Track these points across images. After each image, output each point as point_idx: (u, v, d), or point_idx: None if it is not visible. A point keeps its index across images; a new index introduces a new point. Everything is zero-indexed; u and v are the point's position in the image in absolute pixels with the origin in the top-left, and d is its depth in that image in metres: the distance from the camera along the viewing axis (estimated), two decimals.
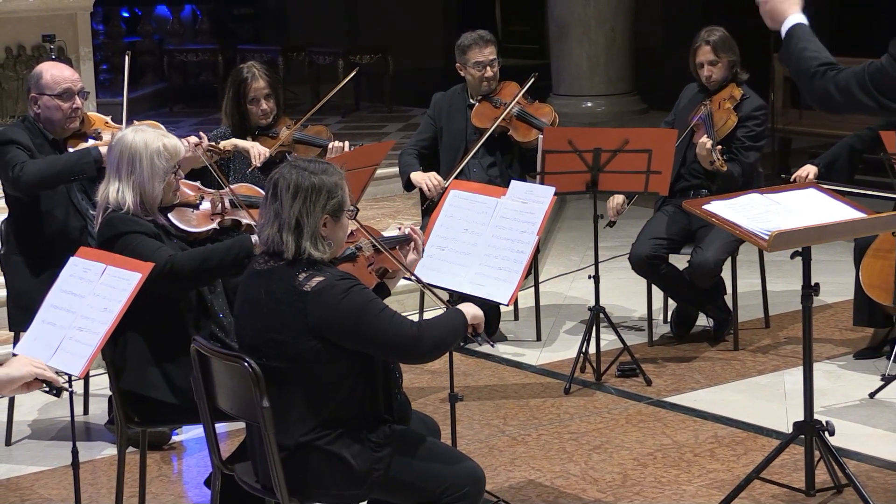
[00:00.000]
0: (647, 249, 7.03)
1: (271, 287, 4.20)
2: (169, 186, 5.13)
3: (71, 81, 6.12)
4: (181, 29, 15.10)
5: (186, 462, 5.99)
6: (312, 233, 4.18)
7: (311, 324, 4.12)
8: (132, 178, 5.06)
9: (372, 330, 4.14)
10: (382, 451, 4.22)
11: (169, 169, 5.10)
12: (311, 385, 4.18)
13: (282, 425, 4.17)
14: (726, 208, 5.01)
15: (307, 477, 4.21)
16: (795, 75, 4.64)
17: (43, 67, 6.22)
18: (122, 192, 5.06)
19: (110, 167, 5.14)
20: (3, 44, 9.13)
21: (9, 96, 9.16)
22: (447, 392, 5.13)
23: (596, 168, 6.63)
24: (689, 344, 7.28)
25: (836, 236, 5.53)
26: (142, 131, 5.15)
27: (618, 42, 12.42)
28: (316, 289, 4.13)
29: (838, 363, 6.90)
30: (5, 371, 3.93)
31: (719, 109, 7.05)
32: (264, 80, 6.61)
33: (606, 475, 5.66)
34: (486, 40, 7.34)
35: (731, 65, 7.13)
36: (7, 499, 5.62)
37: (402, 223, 8.36)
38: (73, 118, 6.14)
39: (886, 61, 4.53)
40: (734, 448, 5.90)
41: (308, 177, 4.19)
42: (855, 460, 5.63)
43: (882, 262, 6.65)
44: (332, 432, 4.19)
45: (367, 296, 4.20)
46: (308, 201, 4.17)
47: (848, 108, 4.55)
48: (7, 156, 5.96)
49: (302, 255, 4.18)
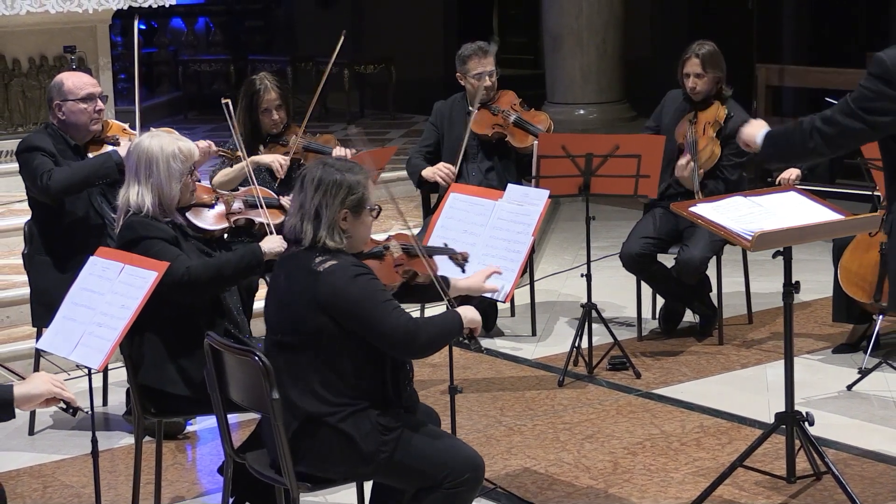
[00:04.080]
0: (637, 248, 7.03)
1: (290, 270, 4.30)
2: (186, 187, 5.14)
3: (91, 86, 6.15)
4: (195, 40, 15.09)
5: (200, 451, 5.98)
6: (330, 224, 4.26)
7: (320, 301, 4.18)
8: (150, 180, 5.06)
9: (370, 317, 4.18)
10: (390, 434, 4.24)
11: (185, 170, 5.11)
12: (323, 361, 4.22)
13: (296, 394, 4.22)
14: (712, 210, 5.01)
15: (315, 451, 4.23)
16: (791, 153, 4.88)
17: (62, 77, 6.23)
18: (141, 195, 5.06)
19: (129, 172, 5.14)
20: (27, 54, 9.13)
21: (32, 104, 9.16)
22: (447, 384, 5.13)
23: (588, 172, 6.62)
24: (677, 339, 7.28)
25: (816, 237, 5.53)
26: (157, 136, 5.15)
27: (609, 53, 12.41)
28: (328, 270, 4.21)
29: (818, 357, 6.89)
30: (26, 389, 3.94)
31: (703, 136, 6.96)
32: (276, 91, 6.63)
33: (598, 463, 5.66)
34: (486, 51, 7.32)
35: (717, 80, 7.05)
36: (30, 485, 5.62)
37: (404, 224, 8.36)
38: (97, 120, 6.16)
39: (867, 81, 4.52)
40: (719, 437, 5.89)
41: (333, 173, 4.29)
42: (833, 449, 5.63)
43: (859, 261, 6.64)
44: (343, 410, 4.22)
45: (374, 285, 4.24)
46: (329, 194, 4.26)
47: (841, 139, 4.60)
48: (34, 163, 5.96)
49: (318, 243, 4.26)
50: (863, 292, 6.60)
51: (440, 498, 4.24)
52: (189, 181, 5.15)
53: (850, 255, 6.67)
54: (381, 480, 4.38)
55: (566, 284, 8.35)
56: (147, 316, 4.66)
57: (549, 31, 12.61)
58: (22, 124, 9.12)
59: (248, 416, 5.81)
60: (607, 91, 12.49)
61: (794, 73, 11.80)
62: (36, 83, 9.15)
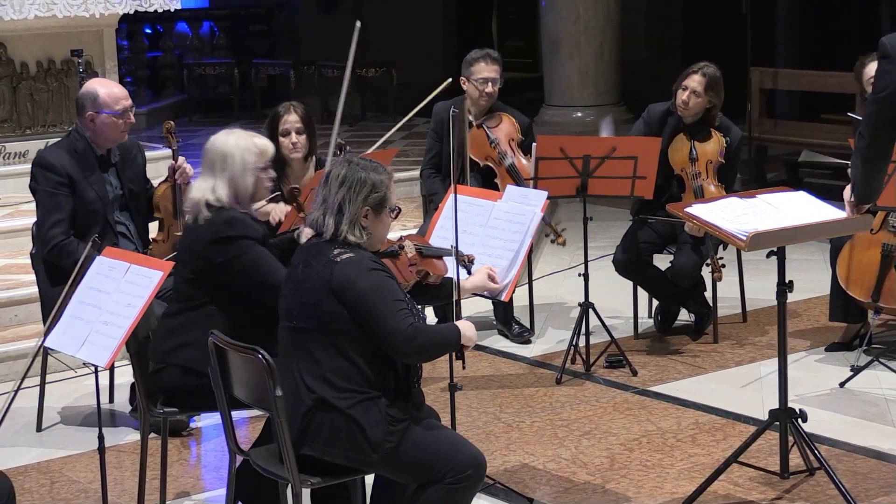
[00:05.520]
0: (630, 254, 7.03)
1: (309, 259, 4.33)
2: (260, 182, 5.09)
3: (125, 98, 6.04)
4: (200, 44, 15.08)
5: (205, 447, 5.98)
6: (352, 219, 4.31)
7: (333, 287, 4.22)
8: (225, 173, 5.02)
9: (375, 312, 4.22)
10: (398, 425, 4.26)
11: (259, 164, 5.07)
12: (336, 349, 4.25)
13: (309, 378, 4.25)
14: (707, 211, 5.01)
15: (324, 434, 4.24)
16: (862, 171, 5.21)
17: (95, 86, 6.08)
18: (217, 189, 5.01)
19: (204, 167, 5.09)
20: (35, 58, 9.13)
21: (39, 107, 9.16)
22: (447, 382, 5.12)
23: (585, 173, 6.62)
24: (672, 337, 7.27)
25: (810, 237, 5.52)
26: (233, 133, 5.14)
27: (605, 57, 12.39)
28: (345, 260, 4.26)
29: (811, 355, 6.89)
30: None
31: (707, 177, 6.87)
32: (297, 114, 6.39)
33: (595, 459, 5.66)
34: (493, 59, 7.27)
35: (710, 105, 6.94)
36: (38, 481, 5.62)
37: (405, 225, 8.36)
38: (125, 132, 6.10)
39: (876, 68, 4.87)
40: (714, 434, 5.89)
41: (357, 171, 4.34)
42: (826, 445, 5.63)
43: (858, 258, 6.61)
44: (354, 397, 4.24)
45: (386, 283, 4.28)
46: (352, 191, 4.31)
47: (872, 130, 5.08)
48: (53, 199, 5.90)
49: (339, 237, 4.30)
50: (861, 290, 6.58)
51: (441, 493, 4.25)
52: (263, 176, 5.11)
53: (849, 253, 6.64)
54: (384, 473, 4.38)
55: (564, 284, 8.35)
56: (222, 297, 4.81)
57: (548, 35, 12.60)
58: (30, 126, 9.12)
59: (255, 413, 5.81)
60: (604, 94, 12.47)
61: (787, 76, 11.81)
62: (43, 86, 9.15)
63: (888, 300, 6.51)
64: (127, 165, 6.21)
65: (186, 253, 5.05)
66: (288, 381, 4.26)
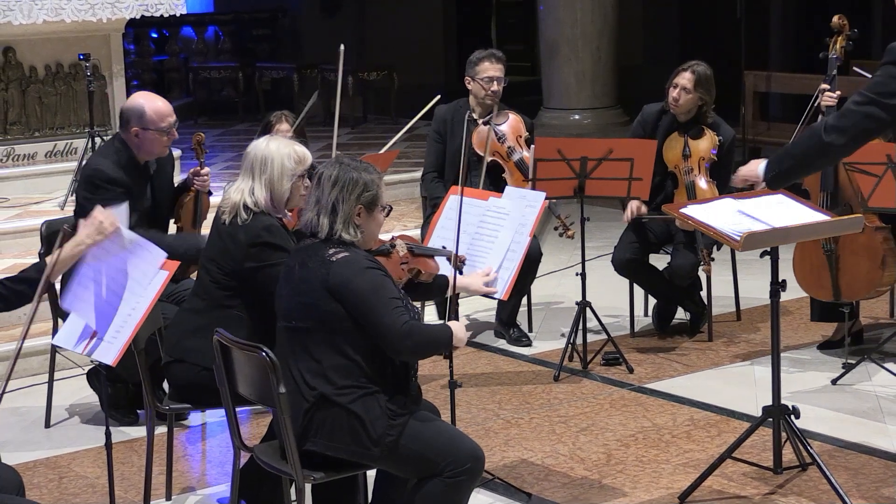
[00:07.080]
0: (629, 253, 7.03)
1: (304, 259, 4.34)
2: (296, 189, 5.03)
3: (170, 115, 5.92)
4: (205, 48, 15.08)
5: (210, 443, 5.98)
6: (346, 218, 4.33)
7: (330, 287, 4.23)
8: (263, 176, 4.99)
9: (370, 310, 4.23)
10: (398, 419, 4.27)
11: (297, 171, 5.03)
12: (334, 346, 4.26)
13: (310, 375, 4.25)
14: (701, 211, 5.01)
15: (326, 429, 4.25)
16: (807, 157, 4.75)
17: (142, 101, 5.93)
18: (255, 191, 4.98)
19: (244, 170, 5.07)
20: (43, 62, 9.13)
21: (48, 110, 9.16)
22: (447, 379, 5.13)
23: (583, 175, 6.63)
24: (668, 335, 7.27)
25: (802, 237, 5.53)
26: (274, 139, 5.13)
27: (602, 60, 12.39)
28: (340, 260, 4.27)
29: (803, 353, 6.89)
30: None
31: (700, 174, 6.90)
32: (288, 123, 6.39)
33: (592, 455, 5.66)
34: (498, 58, 7.25)
35: (700, 102, 6.95)
36: (46, 476, 5.62)
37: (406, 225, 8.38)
38: (168, 147, 6.03)
39: (881, 70, 4.64)
40: (708, 430, 5.89)
41: (349, 171, 4.36)
42: (818, 441, 5.63)
43: (810, 262, 6.61)
44: (354, 392, 4.24)
45: (382, 282, 4.29)
46: (345, 190, 4.33)
47: (858, 126, 4.63)
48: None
49: (334, 236, 4.32)
50: (823, 291, 6.58)
51: (441, 486, 4.25)
52: (300, 184, 5.08)
53: (800, 258, 6.65)
54: (385, 466, 4.39)
55: (562, 283, 8.35)
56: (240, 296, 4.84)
57: (546, 39, 12.60)
58: (38, 129, 9.12)
59: (258, 408, 5.82)
60: (601, 97, 12.47)
61: (781, 79, 11.80)
62: (52, 89, 9.15)
63: (850, 294, 6.50)
64: (159, 175, 6.16)
65: (220, 253, 4.99)
66: (288, 381, 4.26)
